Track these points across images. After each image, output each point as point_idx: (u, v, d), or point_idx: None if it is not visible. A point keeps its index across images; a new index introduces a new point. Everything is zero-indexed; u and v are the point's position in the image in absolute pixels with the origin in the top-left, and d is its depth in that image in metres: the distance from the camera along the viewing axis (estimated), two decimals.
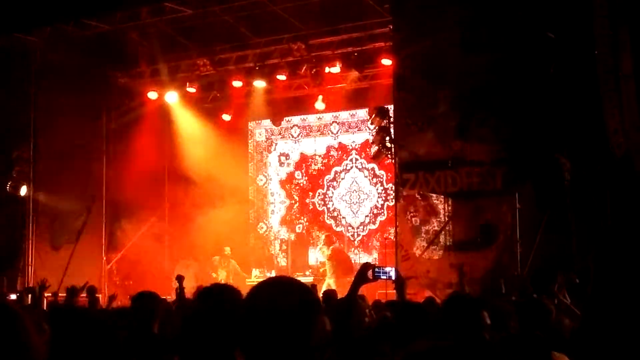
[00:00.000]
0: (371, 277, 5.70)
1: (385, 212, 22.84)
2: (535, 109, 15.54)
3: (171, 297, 11.63)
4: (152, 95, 22.93)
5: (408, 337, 5.25)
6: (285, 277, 2.95)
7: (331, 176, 24.05)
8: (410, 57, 17.02)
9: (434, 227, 17.08)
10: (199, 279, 19.74)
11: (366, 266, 5.74)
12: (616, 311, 2.88)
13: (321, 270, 21.12)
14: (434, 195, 17.10)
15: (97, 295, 15.72)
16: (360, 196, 23.62)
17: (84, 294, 14.02)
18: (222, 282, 19.91)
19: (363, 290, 13.63)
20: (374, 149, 19.09)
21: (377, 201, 23.33)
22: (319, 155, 24.25)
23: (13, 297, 14.83)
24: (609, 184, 14.56)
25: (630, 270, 2.91)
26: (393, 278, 6.35)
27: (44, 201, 21.09)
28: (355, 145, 23.76)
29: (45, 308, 12.79)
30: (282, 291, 2.73)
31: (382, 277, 6.01)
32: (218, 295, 3.61)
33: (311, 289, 2.94)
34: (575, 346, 3.05)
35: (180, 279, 10.26)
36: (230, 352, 2.86)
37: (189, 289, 11.54)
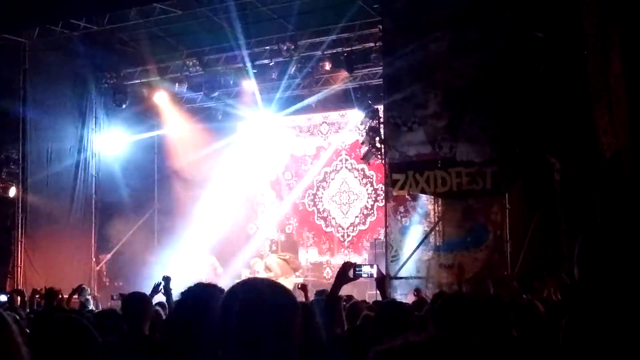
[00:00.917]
0: (352, 276, 5.57)
1: (375, 212, 22.84)
2: (525, 109, 15.56)
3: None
4: (142, 95, 22.88)
5: (388, 335, 5.18)
6: (262, 278, 2.92)
7: (321, 177, 24.04)
8: (400, 58, 17.01)
9: (424, 227, 17.08)
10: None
11: (347, 265, 5.59)
12: (602, 310, 2.86)
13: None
14: (424, 195, 17.10)
15: (87, 296, 15.62)
16: (350, 197, 23.62)
17: (76, 296, 13.93)
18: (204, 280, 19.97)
19: (354, 290, 13.60)
20: (364, 149, 19.08)
21: (367, 202, 23.34)
22: (309, 156, 24.23)
23: (3, 298, 14.73)
24: (599, 184, 14.57)
25: (617, 268, 2.88)
26: (375, 276, 6.21)
27: (33, 202, 21.01)
28: (345, 145, 23.75)
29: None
30: (260, 291, 2.70)
31: (364, 275, 5.94)
32: (199, 294, 3.57)
33: (289, 289, 2.90)
34: (563, 345, 3.03)
35: (167, 279, 10.18)
36: (214, 352, 2.83)
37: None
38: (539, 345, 5.47)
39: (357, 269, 5.72)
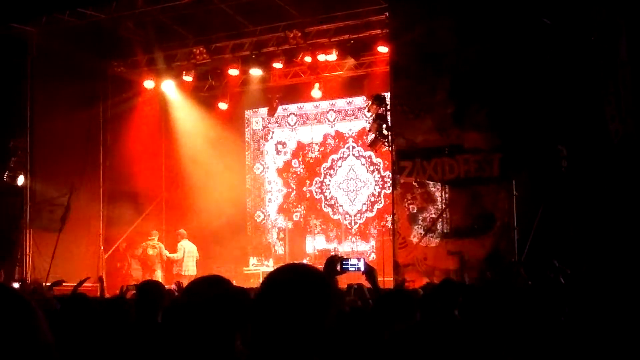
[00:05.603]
0: (339, 270, 5.48)
1: (383, 199, 22.86)
2: (532, 95, 15.56)
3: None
4: (149, 84, 22.90)
5: (387, 323, 5.21)
6: (301, 263, 2.99)
7: (328, 164, 24.06)
8: (407, 45, 17.02)
9: (431, 214, 17.11)
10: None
11: (333, 259, 5.50)
12: (610, 298, 2.90)
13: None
14: (431, 182, 17.13)
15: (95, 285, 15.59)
16: (357, 184, 23.63)
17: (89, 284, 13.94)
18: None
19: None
20: (371, 136, 19.08)
21: (375, 189, 23.34)
22: (316, 143, 24.25)
23: (15, 285, 14.81)
24: (606, 170, 14.59)
25: (627, 258, 2.93)
26: (362, 269, 6.03)
27: (41, 190, 21.07)
28: (352, 133, 23.75)
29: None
30: (300, 277, 2.77)
31: (351, 269, 5.83)
32: (201, 284, 3.57)
33: (324, 277, 2.95)
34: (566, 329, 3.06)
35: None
36: (231, 337, 2.87)
37: None
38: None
39: (344, 262, 5.63)
